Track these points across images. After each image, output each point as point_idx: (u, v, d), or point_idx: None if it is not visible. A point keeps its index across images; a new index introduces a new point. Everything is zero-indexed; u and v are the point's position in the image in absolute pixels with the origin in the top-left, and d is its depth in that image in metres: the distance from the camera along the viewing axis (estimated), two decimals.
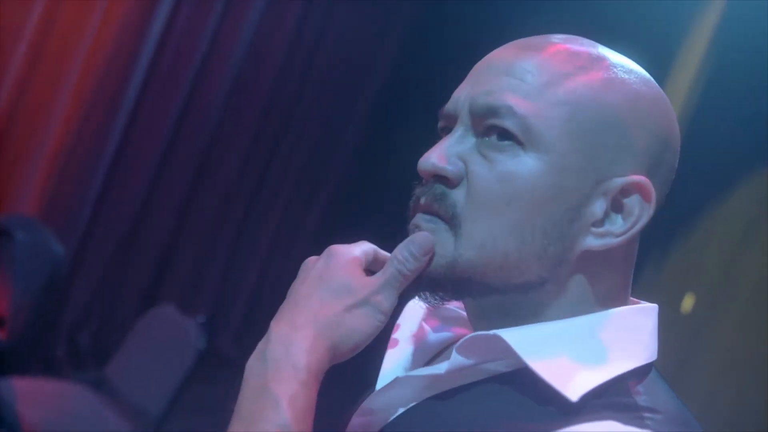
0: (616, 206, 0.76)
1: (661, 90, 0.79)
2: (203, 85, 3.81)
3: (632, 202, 0.76)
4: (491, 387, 0.76)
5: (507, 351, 0.74)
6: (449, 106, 0.80)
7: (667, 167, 0.79)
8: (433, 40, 4.29)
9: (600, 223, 0.76)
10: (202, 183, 3.98)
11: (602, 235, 0.76)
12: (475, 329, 0.81)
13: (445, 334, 0.90)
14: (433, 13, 4.32)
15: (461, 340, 0.76)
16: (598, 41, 0.82)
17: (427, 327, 0.89)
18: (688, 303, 3.53)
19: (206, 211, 4.03)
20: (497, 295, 0.77)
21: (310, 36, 4.03)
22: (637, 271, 0.82)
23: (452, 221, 0.76)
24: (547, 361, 0.73)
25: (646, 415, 0.70)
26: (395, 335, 0.91)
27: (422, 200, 0.78)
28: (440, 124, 0.82)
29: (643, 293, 0.85)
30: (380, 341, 0.92)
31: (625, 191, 0.76)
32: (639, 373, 0.75)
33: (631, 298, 0.82)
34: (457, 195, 0.76)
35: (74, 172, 3.55)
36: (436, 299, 0.79)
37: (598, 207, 0.76)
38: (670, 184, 0.80)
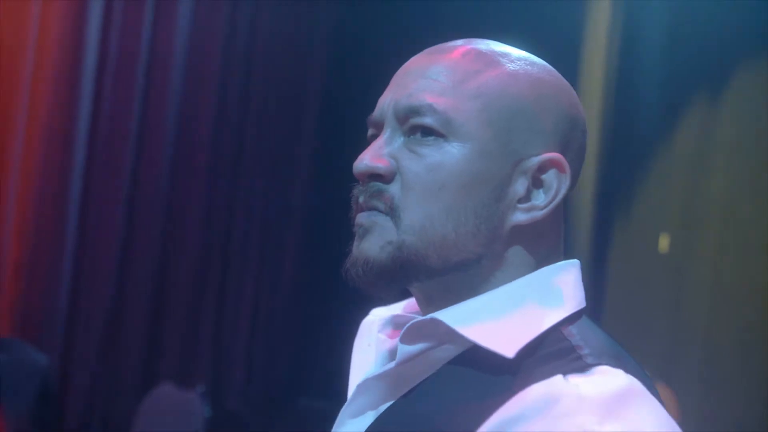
0: (536, 182, 0.85)
1: (562, 77, 0.89)
2: (147, 147, 3.77)
3: (550, 176, 0.84)
4: (449, 372, 0.82)
5: (449, 331, 0.80)
6: (375, 113, 0.88)
7: (577, 143, 0.87)
8: (360, 46, 4.31)
9: (525, 199, 0.84)
10: (172, 248, 3.94)
11: (528, 210, 0.84)
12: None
13: None
14: (360, 16, 4.35)
15: (402, 331, 0.82)
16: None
17: (383, 336, 0.95)
18: (664, 243, 3.58)
19: (182, 277, 4.00)
20: (440, 275, 0.84)
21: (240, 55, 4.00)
22: (608, 221, 0.86)
23: (392, 212, 0.83)
24: (481, 328, 0.80)
25: (583, 352, 0.77)
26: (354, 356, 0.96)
27: (361, 199, 0.86)
28: (369, 132, 0.89)
29: (619, 242, 0.88)
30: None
31: (542, 168, 0.84)
32: (570, 320, 0.82)
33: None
34: (393, 189, 0.84)
35: (39, 276, 3.49)
36: (388, 288, 0.85)
37: (520, 185, 0.84)
38: (584, 157, 0.89)
